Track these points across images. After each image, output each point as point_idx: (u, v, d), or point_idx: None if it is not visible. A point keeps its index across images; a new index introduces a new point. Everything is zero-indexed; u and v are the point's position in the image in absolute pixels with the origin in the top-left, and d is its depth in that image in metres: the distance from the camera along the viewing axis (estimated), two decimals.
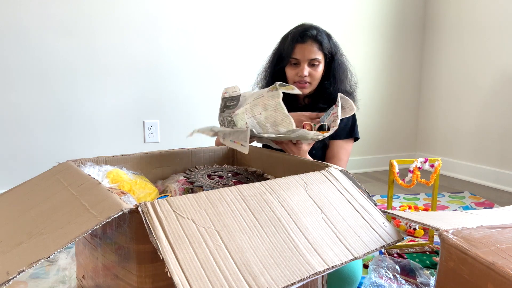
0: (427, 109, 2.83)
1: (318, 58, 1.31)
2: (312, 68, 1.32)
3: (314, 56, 1.30)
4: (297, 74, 1.32)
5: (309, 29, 1.33)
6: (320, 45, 1.31)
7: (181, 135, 2.19)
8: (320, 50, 1.31)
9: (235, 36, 2.24)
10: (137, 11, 2.02)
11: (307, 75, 1.31)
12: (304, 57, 1.30)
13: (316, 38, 1.31)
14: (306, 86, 1.33)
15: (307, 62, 1.31)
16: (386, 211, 0.88)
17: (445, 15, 2.64)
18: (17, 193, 0.81)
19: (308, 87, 1.34)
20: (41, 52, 1.87)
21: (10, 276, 0.51)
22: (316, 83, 1.34)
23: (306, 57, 1.30)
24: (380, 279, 1.06)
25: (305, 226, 0.68)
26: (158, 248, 0.54)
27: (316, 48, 1.31)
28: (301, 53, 1.30)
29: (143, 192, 0.88)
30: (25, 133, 1.88)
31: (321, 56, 1.32)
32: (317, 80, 1.34)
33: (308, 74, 1.31)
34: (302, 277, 0.59)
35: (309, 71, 1.31)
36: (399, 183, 1.29)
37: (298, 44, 1.31)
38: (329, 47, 1.34)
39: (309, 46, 1.30)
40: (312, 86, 1.34)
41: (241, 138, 0.86)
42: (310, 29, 1.34)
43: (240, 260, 0.58)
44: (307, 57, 1.30)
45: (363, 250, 0.69)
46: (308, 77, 1.32)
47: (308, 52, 1.30)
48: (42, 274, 1.17)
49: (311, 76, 1.32)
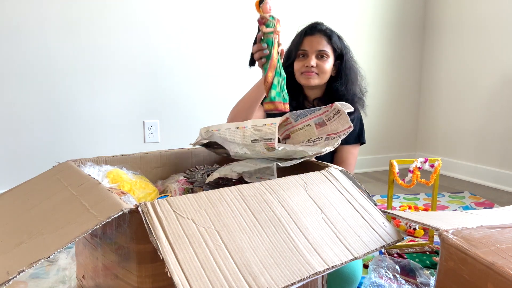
0: (427, 109, 2.83)
1: (327, 50, 1.28)
2: (320, 60, 1.29)
3: (323, 47, 1.28)
4: (304, 65, 1.29)
5: (319, 24, 1.33)
6: (329, 39, 1.29)
7: (181, 135, 2.19)
8: (329, 44, 1.29)
9: (236, 36, 2.24)
10: (137, 11, 2.02)
11: (315, 65, 1.27)
12: (312, 48, 1.28)
13: (326, 32, 1.30)
14: (312, 75, 1.28)
15: (315, 53, 1.28)
16: (386, 211, 0.88)
17: (445, 15, 2.64)
18: (17, 193, 0.81)
19: (315, 78, 1.29)
20: (41, 52, 1.87)
21: (10, 276, 0.51)
22: (324, 76, 1.30)
23: (314, 48, 1.28)
24: (380, 279, 1.06)
25: (305, 226, 0.68)
26: (158, 248, 0.54)
27: (324, 41, 1.28)
28: (309, 44, 1.28)
29: (143, 192, 0.88)
30: (25, 133, 1.88)
31: (330, 50, 1.29)
32: (325, 74, 1.30)
33: (316, 65, 1.28)
34: (302, 277, 0.59)
35: (317, 62, 1.28)
36: (399, 183, 1.29)
37: (307, 37, 1.30)
38: (339, 44, 1.31)
39: (318, 38, 1.28)
40: (320, 79, 1.30)
41: (267, 173, 0.86)
42: (320, 24, 1.33)
43: (240, 260, 0.58)
44: (315, 48, 1.28)
45: (363, 250, 0.69)
46: (315, 68, 1.28)
47: (316, 43, 1.28)
48: (42, 274, 1.17)
49: (319, 67, 1.28)
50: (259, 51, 0.97)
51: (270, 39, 0.97)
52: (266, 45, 0.97)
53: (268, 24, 0.96)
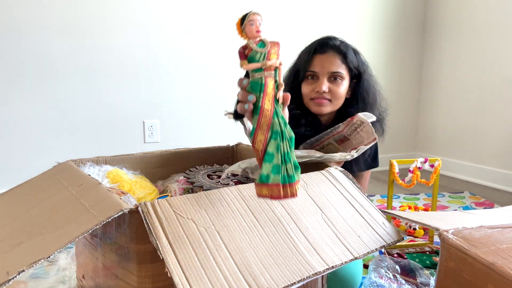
0: (427, 109, 2.83)
1: (341, 72, 1.08)
2: (333, 83, 1.09)
3: (336, 69, 1.08)
4: (314, 89, 1.09)
5: (331, 39, 1.12)
6: (344, 58, 1.09)
7: (181, 135, 2.19)
8: (343, 63, 1.09)
9: (236, 37, 2.24)
10: (137, 11, 2.02)
11: (327, 90, 1.08)
12: (324, 69, 1.08)
13: (339, 48, 1.09)
14: (324, 102, 1.09)
15: (327, 75, 1.08)
16: (386, 211, 0.88)
17: (445, 15, 2.64)
18: (17, 193, 0.81)
19: (328, 105, 1.10)
20: (41, 52, 1.87)
21: (10, 276, 0.51)
22: (338, 102, 1.11)
23: (326, 69, 1.08)
24: (380, 279, 1.06)
25: (305, 226, 0.68)
26: (158, 248, 0.54)
27: (338, 60, 1.08)
28: (320, 65, 1.08)
29: (143, 192, 0.88)
30: (25, 133, 1.88)
31: (345, 70, 1.09)
32: (339, 99, 1.10)
33: (328, 90, 1.08)
34: (302, 277, 0.59)
35: (329, 87, 1.08)
36: (399, 183, 1.29)
37: (317, 55, 1.09)
38: (355, 62, 1.11)
39: (330, 57, 1.08)
40: (333, 105, 1.11)
41: None
42: (332, 39, 1.12)
43: (240, 260, 0.58)
44: (327, 69, 1.08)
45: (363, 250, 0.69)
46: (328, 93, 1.08)
47: (328, 64, 1.08)
48: (42, 274, 1.17)
49: (332, 92, 1.08)
50: (241, 102, 0.63)
51: (258, 82, 0.61)
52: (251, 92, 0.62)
53: (253, 57, 0.61)
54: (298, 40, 2.33)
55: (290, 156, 0.60)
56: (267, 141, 0.60)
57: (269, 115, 0.61)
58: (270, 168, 0.59)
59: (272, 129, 0.61)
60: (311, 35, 1.33)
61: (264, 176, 0.59)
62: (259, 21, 0.61)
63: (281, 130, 0.61)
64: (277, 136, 0.60)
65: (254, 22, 0.60)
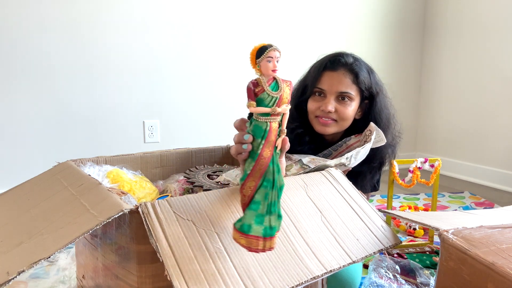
0: (427, 109, 2.83)
1: (350, 93, 1.02)
2: (340, 103, 1.02)
3: (345, 89, 1.01)
4: (319, 107, 1.03)
5: (343, 56, 1.05)
6: (356, 77, 1.02)
7: (181, 135, 2.19)
8: (354, 83, 1.02)
9: (236, 37, 2.24)
10: (137, 11, 2.02)
11: (333, 110, 1.01)
12: (332, 88, 1.02)
13: (351, 67, 1.03)
14: (329, 123, 1.03)
15: (335, 95, 1.02)
16: (386, 211, 0.88)
17: (445, 16, 2.64)
18: (17, 193, 0.81)
19: (333, 126, 1.04)
20: (41, 52, 1.87)
21: (10, 276, 0.51)
22: (344, 123, 1.05)
23: (334, 88, 1.01)
24: (380, 279, 1.06)
25: (305, 229, 0.68)
26: (158, 251, 0.54)
27: (349, 80, 1.02)
28: (329, 83, 1.02)
29: (143, 192, 0.88)
30: (25, 133, 1.88)
31: (355, 91, 1.03)
32: (345, 120, 1.04)
33: (335, 110, 1.02)
34: (301, 281, 0.59)
35: (336, 107, 1.02)
36: (399, 183, 1.29)
37: (327, 72, 1.03)
38: (368, 82, 1.04)
39: (341, 75, 1.02)
40: (339, 126, 1.05)
41: None
42: (344, 55, 1.05)
43: (239, 263, 0.57)
44: (336, 88, 1.01)
45: (361, 253, 0.69)
46: (334, 113, 1.02)
47: (337, 83, 1.01)
48: (42, 274, 1.17)
49: (338, 113, 1.02)
50: (238, 144, 0.62)
51: (262, 127, 0.58)
52: (251, 135, 0.59)
53: (263, 99, 0.57)
54: (298, 41, 2.33)
55: (276, 206, 0.57)
56: (256, 188, 0.57)
57: (265, 163, 0.58)
58: (254, 217, 0.55)
59: (265, 177, 0.58)
60: (311, 36, 1.33)
61: (246, 225, 0.55)
62: (277, 58, 0.57)
63: (273, 179, 0.58)
64: (268, 184, 0.57)
65: (272, 60, 0.56)
